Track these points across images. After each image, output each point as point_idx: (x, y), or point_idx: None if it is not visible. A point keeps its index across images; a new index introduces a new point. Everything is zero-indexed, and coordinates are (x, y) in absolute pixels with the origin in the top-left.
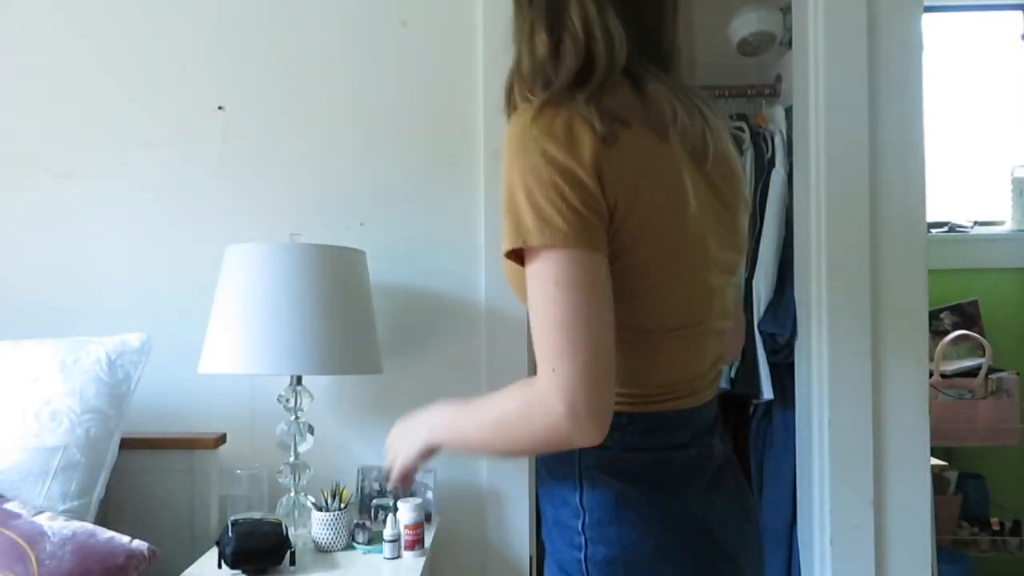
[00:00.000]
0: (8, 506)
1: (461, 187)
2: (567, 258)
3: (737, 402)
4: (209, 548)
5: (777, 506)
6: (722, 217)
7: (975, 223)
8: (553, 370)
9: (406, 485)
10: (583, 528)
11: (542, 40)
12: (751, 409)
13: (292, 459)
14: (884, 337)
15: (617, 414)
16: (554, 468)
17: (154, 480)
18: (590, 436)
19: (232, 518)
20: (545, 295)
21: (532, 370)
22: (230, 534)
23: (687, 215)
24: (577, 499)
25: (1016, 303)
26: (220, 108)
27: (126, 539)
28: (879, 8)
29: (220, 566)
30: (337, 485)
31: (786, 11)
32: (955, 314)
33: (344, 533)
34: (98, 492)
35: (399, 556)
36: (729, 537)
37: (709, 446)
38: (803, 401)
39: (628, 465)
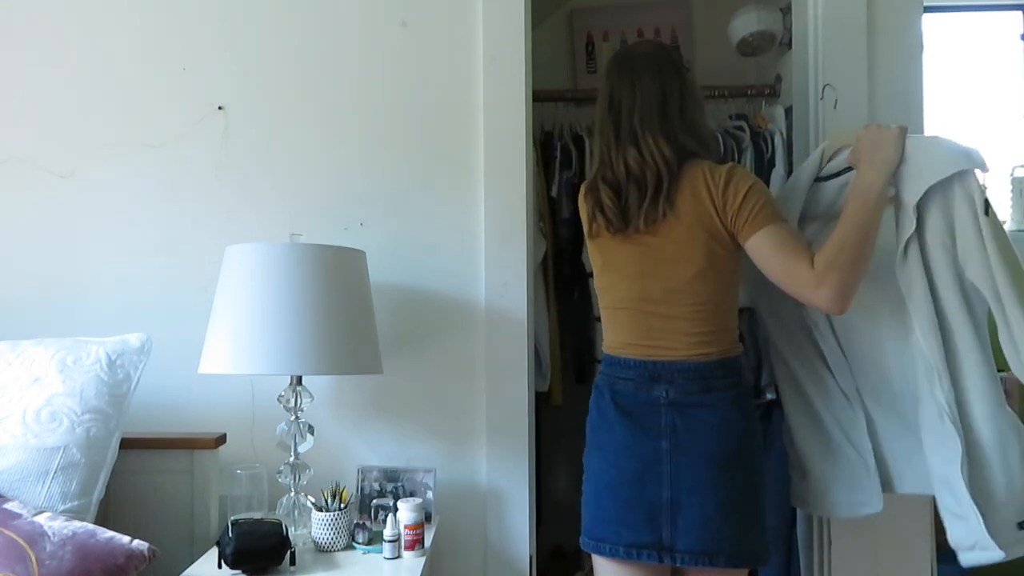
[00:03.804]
0: (8, 506)
1: (461, 187)
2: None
3: None
4: (209, 548)
5: (777, 506)
6: None
7: None
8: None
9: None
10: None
11: None
12: None
13: (292, 459)
14: None
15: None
16: None
17: (154, 480)
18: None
19: (232, 518)
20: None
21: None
22: (230, 534)
23: None
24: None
25: None
26: (220, 108)
27: (126, 539)
28: (879, 8)
29: (220, 566)
30: (337, 485)
31: (786, 11)
32: None
33: (344, 533)
34: (98, 492)
35: (399, 556)
36: (630, 445)
37: (650, 388)
38: None
39: (599, 380)
